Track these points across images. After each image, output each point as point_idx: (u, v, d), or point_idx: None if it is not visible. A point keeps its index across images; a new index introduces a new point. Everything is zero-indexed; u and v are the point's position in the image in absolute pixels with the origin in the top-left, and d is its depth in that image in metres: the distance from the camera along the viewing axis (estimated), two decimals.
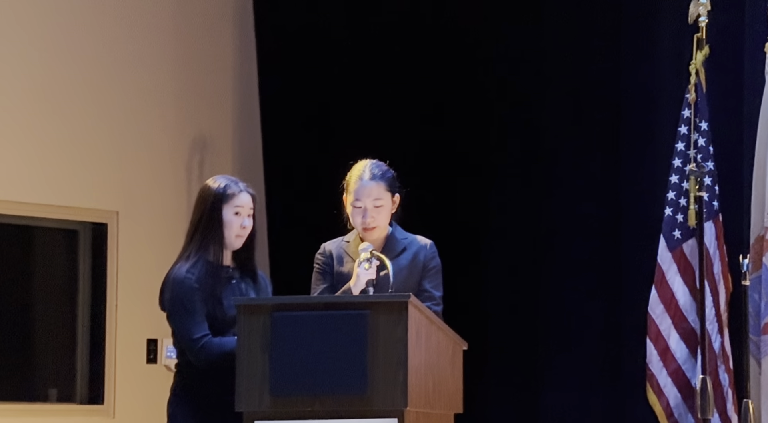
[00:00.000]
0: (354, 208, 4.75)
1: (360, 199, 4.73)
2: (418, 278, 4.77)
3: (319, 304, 4.38)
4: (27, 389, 7.29)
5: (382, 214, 4.75)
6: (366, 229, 4.75)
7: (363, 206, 4.73)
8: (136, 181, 7.44)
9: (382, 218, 4.77)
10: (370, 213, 4.73)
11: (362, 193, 4.74)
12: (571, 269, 6.66)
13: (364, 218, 4.73)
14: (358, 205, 4.74)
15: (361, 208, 4.73)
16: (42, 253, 7.45)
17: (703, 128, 5.78)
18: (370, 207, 4.73)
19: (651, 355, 5.78)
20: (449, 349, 4.62)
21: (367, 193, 4.73)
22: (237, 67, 7.84)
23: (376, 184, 4.75)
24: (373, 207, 4.73)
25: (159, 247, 7.37)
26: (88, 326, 7.39)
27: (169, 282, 4.67)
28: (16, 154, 7.10)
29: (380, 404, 4.25)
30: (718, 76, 5.91)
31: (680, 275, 5.77)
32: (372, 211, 4.73)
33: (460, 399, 4.69)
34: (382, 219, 4.76)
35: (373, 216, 4.73)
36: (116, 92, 7.41)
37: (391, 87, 7.26)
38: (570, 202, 6.71)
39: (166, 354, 7.42)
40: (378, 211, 4.74)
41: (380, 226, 4.77)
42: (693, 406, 5.67)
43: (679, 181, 5.79)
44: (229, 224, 4.68)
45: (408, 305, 4.29)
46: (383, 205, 4.75)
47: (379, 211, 4.74)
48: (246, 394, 4.33)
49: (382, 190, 4.76)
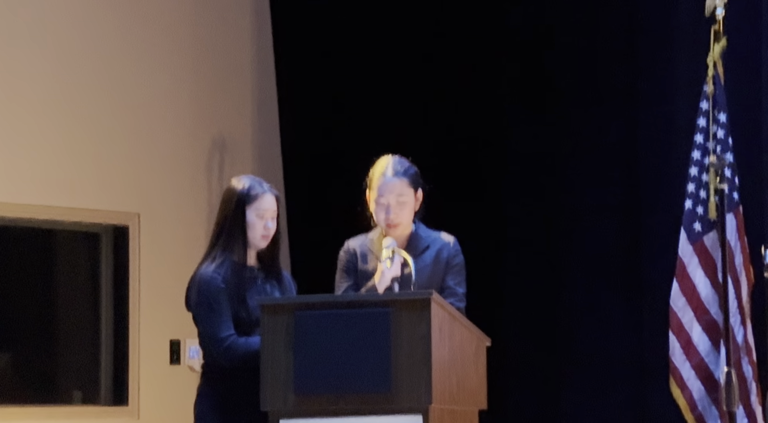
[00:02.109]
0: (377, 205, 4.76)
1: (383, 196, 4.74)
2: (442, 275, 4.78)
3: (342, 303, 4.40)
4: (51, 391, 7.32)
5: (405, 210, 4.76)
6: (390, 225, 4.75)
7: (386, 203, 4.74)
8: (156, 182, 7.46)
9: (406, 215, 4.77)
10: (394, 209, 4.74)
11: (385, 190, 4.74)
12: (592, 263, 6.65)
13: (387, 215, 4.74)
14: (381, 202, 4.75)
15: (385, 205, 4.74)
16: (64, 257, 7.48)
17: (722, 120, 5.77)
18: (393, 203, 4.74)
19: (674, 348, 5.77)
20: (472, 345, 4.63)
21: (390, 189, 4.74)
22: (255, 67, 7.86)
23: (399, 181, 4.76)
24: (397, 203, 4.74)
25: (180, 248, 7.39)
26: (111, 328, 7.42)
27: (196, 282, 4.69)
28: (36, 158, 7.13)
29: (404, 401, 4.26)
30: (736, 67, 5.90)
31: (701, 268, 5.76)
32: (395, 208, 4.74)
33: (484, 395, 4.69)
34: (405, 215, 4.77)
35: (396, 212, 4.74)
36: (135, 94, 7.43)
37: (411, 84, 7.26)
38: (590, 196, 6.70)
39: (189, 355, 7.45)
40: (401, 207, 4.75)
41: (404, 222, 4.77)
42: (716, 398, 5.66)
43: (698, 173, 5.78)
44: (252, 226, 4.70)
45: (431, 302, 4.30)
46: (406, 201, 4.76)
47: (402, 208, 4.75)
48: (270, 394, 4.35)
49: (405, 186, 4.77)
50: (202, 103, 7.63)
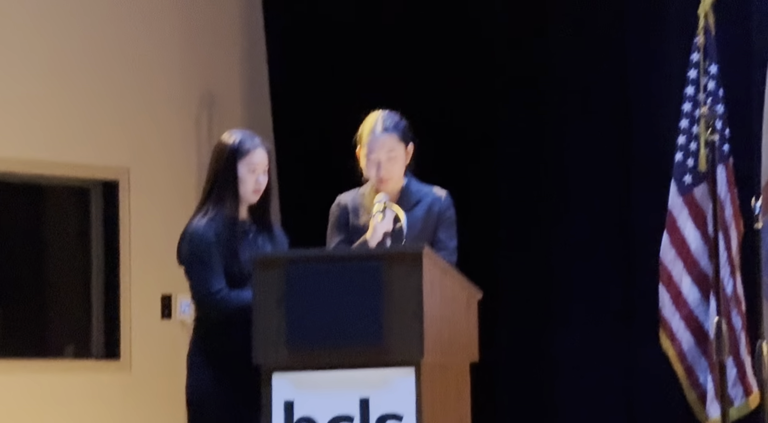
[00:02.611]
0: (368, 161, 4.75)
1: (373, 152, 4.74)
2: (434, 229, 4.78)
3: (334, 257, 4.41)
4: (43, 346, 7.35)
5: (396, 165, 4.76)
6: (381, 181, 4.76)
7: (377, 159, 4.74)
8: (146, 137, 7.44)
9: (397, 170, 4.77)
10: (384, 165, 4.74)
11: (375, 146, 4.74)
12: (582, 215, 6.66)
13: (378, 171, 4.74)
14: (372, 158, 4.74)
15: (375, 161, 4.74)
16: (54, 212, 7.47)
17: (713, 72, 5.76)
18: (383, 159, 4.74)
19: (663, 300, 5.80)
20: (464, 298, 4.64)
21: (380, 145, 4.74)
22: (244, 21, 7.82)
23: (388, 136, 4.75)
24: (387, 159, 4.74)
25: (171, 203, 7.38)
26: (103, 283, 7.43)
27: (187, 236, 4.69)
28: (25, 112, 7.11)
29: (397, 354, 4.28)
30: (727, 19, 5.87)
31: (691, 220, 5.78)
32: (386, 164, 4.74)
33: (475, 348, 4.71)
34: (396, 170, 4.77)
35: (387, 168, 4.74)
36: (124, 49, 7.40)
37: (403, 39, 7.23)
38: (580, 148, 6.69)
39: (180, 309, 7.46)
40: (392, 162, 4.75)
41: (394, 177, 4.77)
42: (706, 350, 5.69)
43: (689, 125, 5.78)
44: (243, 180, 4.70)
45: (422, 256, 4.31)
46: (396, 156, 4.76)
47: (393, 163, 4.75)
48: (263, 347, 4.36)
49: (395, 141, 4.76)
50: (191, 57, 7.60)
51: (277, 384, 4.35)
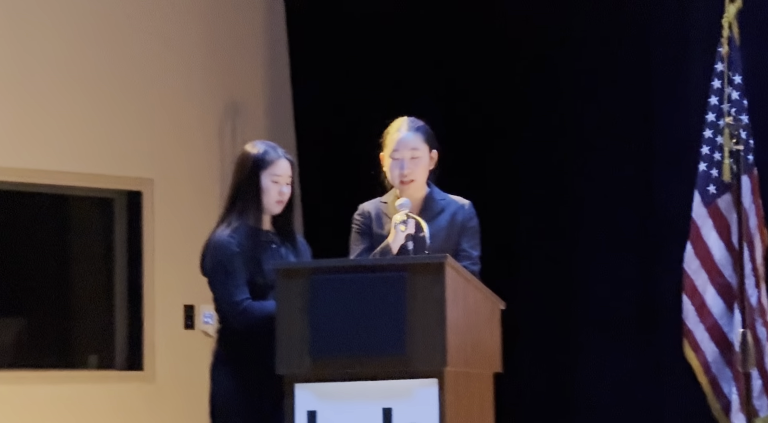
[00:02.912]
0: (392, 161, 4.76)
1: (398, 150, 4.75)
2: (457, 238, 4.78)
3: (357, 267, 4.40)
4: (67, 356, 7.37)
5: (419, 166, 4.76)
6: (403, 182, 4.75)
7: (400, 157, 4.75)
8: (169, 148, 7.46)
9: (420, 172, 4.77)
10: (408, 164, 4.74)
11: (400, 145, 4.75)
12: (606, 226, 6.65)
13: (401, 170, 4.74)
14: (395, 157, 4.75)
15: (399, 160, 4.75)
16: (78, 222, 7.50)
17: (737, 82, 5.75)
18: (407, 158, 4.75)
19: (687, 310, 5.78)
20: (487, 308, 4.63)
21: (405, 144, 4.75)
22: (267, 32, 7.84)
23: (413, 135, 4.77)
24: (411, 158, 4.75)
25: (194, 213, 7.40)
26: (126, 294, 7.45)
27: (211, 246, 4.70)
28: (50, 124, 7.14)
29: (420, 364, 4.27)
30: (751, 28, 5.86)
31: (715, 230, 5.76)
32: (409, 163, 4.74)
33: (498, 358, 4.70)
34: (419, 173, 4.77)
35: (410, 168, 4.74)
36: (147, 61, 7.43)
37: (428, 49, 7.24)
38: (603, 160, 6.68)
39: (203, 320, 7.47)
40: (415, 162, 4.75)
41: (418, 179, 4.77)
42: (730, 360, 5.67)
43: (713, 135, 5.76)
44: (267, 190, 4.71)
45: (445, 266, 4.30)
46: (420, 156, 4.76)
47: (416, 163, 4.75)
48: (286, 358, 4.36)
49: (420, 141, 4.77)
50: (215, 68, 7.63)
51: (300, 394, 4.34)
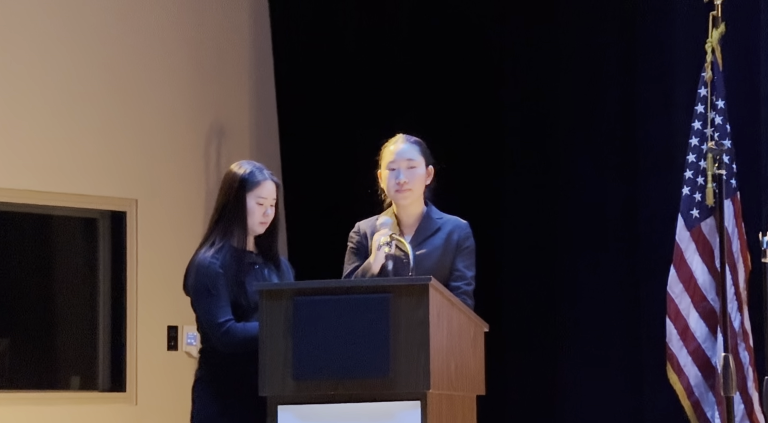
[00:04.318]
0: (389, 172, 4.78)
1: (394, 161, 4.78)
2: (452, 259, 4.79)
3: (340, 288, 4.40)
4: (49, 377, 7.33)
5: (416, 177, 4.78)
6: (399, 190, 4.77)
7: (397, 167, 4.77)
8: (154, 168, 7.46)
9: (417, 182, 4.79)
10: (404, 173, 4.76)
11: (397, 156, 4.79)
12: (589, 249, 6.66)
13: (397, 179, 4.76)
14: (392, 167, 4.78)
15: (395, 170, 4.77)
16: (62, 242, 7.48)
17: (720, 106, 5.77)
18: (404, 167, 4.77)
19: (671, 334, 5.78)
20: (471, 331, 4.63)
21: (401, 154, 4.79)
22: (252, 54, 7.85)
23: (410, 147, 4.81)
24: (407, 168, 4.77)
25: (178, 234, 7.39)
26: (109, 314, 7.43)
27: (194, 267, 4.69)
28: (34, 143, 7.13)
29: (403, 387, 4.27)
30: (734, 53, 5.90)
31: (699, 254, 5.77)
32: (406, 172, 4.76)
33: (482, 381, 4.70)
34: (416, 183, 4.79)
35: (407, 177, 4.76)
36: (133, 80, 7.43)
37: (407, 71, 7.26)
38: (586, 183, 6.70)
39: (186, 340, 7.45)
40: (411, 172, 4.77)
41: (414, 190, 4.79)
42: (713, 384, 5.68)
43: (696, 159, 5.79)
44: (251, 212, 4.71)
45: (429, 288, 4.31)
46: (416, 166, 4.78)
47: (412, 173, 4.78)
48: (269, 379, 4.35)
49: (416, 153, 4.81)
50: (199, 89, 7.63)
51: (282, 416, 4.33)
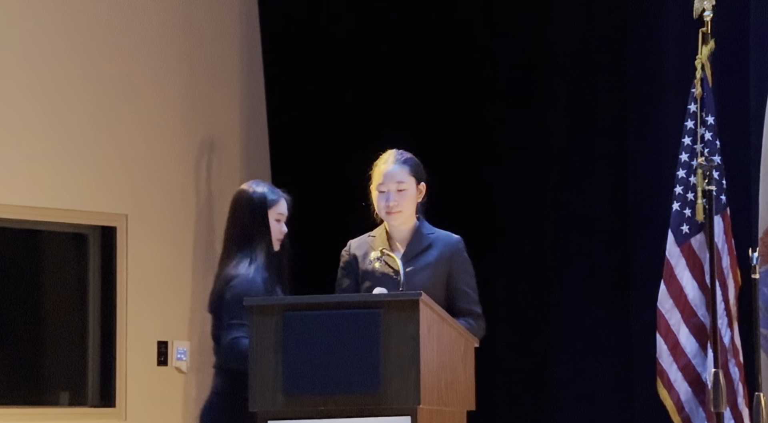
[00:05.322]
0: (379, 194, 4.80)
1: (384, 183, 4.79)
2: (445, 274, 4.80)
3: (331, 304, 4.40)
4: (38, 393, 7.31)
5: (405, 198, 4.79)
6: (389, 212, 4.78)
7: (386, 190, 4.78)
8: (144, 183, 7.45)
9: (407, 204, 4.80)
10: (394, 196, 4.77)
11: (386, 178, 4.80)
12: (580, 265, 6.67)
13: (387, 202, 4.77)
14: (381, 189, 4.79)
15: (385, 192, 4.78)
16: (51, 257, 7.47)
17: (710, 122, 5.79)
18: (393, 190, 4.78)
19: (661, 350, 5.79)
20: (461, 346, 4.63)
21: (391, 177, 4.79)
22: (243, 68, 7.85)
23: (399, 168, 4.81)
24: (397, 191, 4.78)
25: (168, 250, 7.39)
26: (99, 330, 7.41)
27: (238, 281, 4.72)
28: (24, 158, 7.12)
29: (393, 402, 4.26)
30: (724, 70, 5.92)
31: (689, 270, 5.78)
32: (395, 195, 4.77)
33: (472, 396, 4.70)
34: (406, 204, 4.80)
35: (396, 200, 4.77)
36: (123, 96, 7.43)
37: (400, 85, 7.27)
38: (578, 198, 6.71)
39: (176, 356, 7.44)
40: (401, 195, 4.78)
41: (404, 211, 4.80)
42: (704, 400, 5.68)
43: (686, 175, 5.80)
44: (272, 229, 4.84)
45: (420, 303, 4.31)
46: (406, 188, 4.79)
47: (402, 196, 4.79)
48: (259, 394, 4.35)
49: (405, 174, 4.81)
50: (190, 105, 7.63)
51: None
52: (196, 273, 7.50)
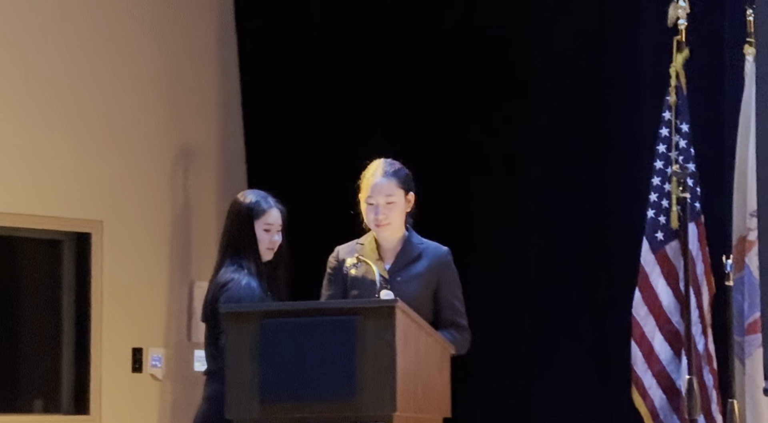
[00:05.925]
0: (367, 206, 4.80)
1: (372, 196, 4.79)
2: (434, 285, 4.81)
3: (308, 310, 4.40)
4: (12, 400, 7.27)
5: (394, 211, 4.80)
6: (378, 225, 4.79)
7: (375, 203, 4.78)
8: (119, 190, 7.43)
9: (395, 216, 4.80)
10: (383, 209, 4.78)
11: (374, 191, 4.80)
12: (556, 272, 6.68)
13: (376, 215, 4.78)
14: (370, 202, 4.79)
15: (374, 205, 4.78)
16: (26, 264, 7.43)
17: (684, 130, 5.82)
18: (382, 203, 4.78)
19: (636, 356, 5.80)
20: (437, 353, 4.64)
21: (379, 190, 4.79)
22: (219, 76, 7.85)
23: (387, 181, 4.81)
24: (385, 203, 4.78)
25: (143, 256, 7.37)
26: (73, 336, 7.38)
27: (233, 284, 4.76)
28: None
29: (369, 409, 4.27)
30: (699, 78, 5.94)
31: (663, 277, 5.80)
32: (384, 208, 4.78)
33: (448, 403, 4.70)
34: (395, 216, 4.80)
35: (385, 213, 4.78)
36: (99, 101, 7.41)
37: (379, 89, 7.27)
38: (554, 205, 6.73)
39: (151, 363, 7.42)
40: (390, 207, 4.79)
41: (393, 223, 4.81)
42: (678, 407, 5.70)
43: (661, 183, 5.82)
44: (260, 239, 4.88)
45: (396, 310, 4.31)
46: (395, 201, 4.80)
47: (391, 208, 4.79)
48: (235, 402, 4.34)
49: (394, 186, 4.81)
50: (166, 111, 7.62)
51: None
52: (172, 280, 7.49)
